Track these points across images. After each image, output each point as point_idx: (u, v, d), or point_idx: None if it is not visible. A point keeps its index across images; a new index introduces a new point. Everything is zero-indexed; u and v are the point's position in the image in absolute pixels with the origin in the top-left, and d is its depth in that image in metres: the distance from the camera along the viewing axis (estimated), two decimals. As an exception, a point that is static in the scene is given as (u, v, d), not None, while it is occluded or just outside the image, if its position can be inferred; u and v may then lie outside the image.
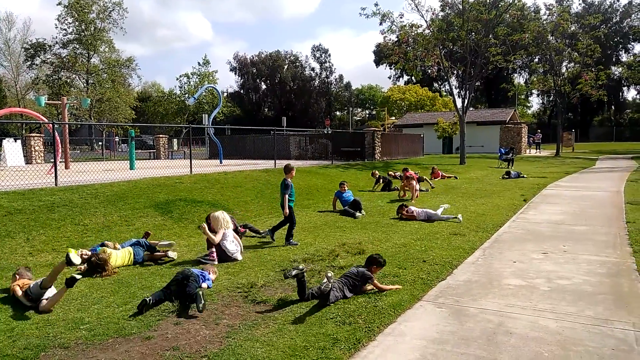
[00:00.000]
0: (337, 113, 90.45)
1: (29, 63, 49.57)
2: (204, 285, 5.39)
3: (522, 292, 5.19)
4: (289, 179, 7.98)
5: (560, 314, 4.52)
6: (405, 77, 77.68)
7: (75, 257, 5.05)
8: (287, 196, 7.87)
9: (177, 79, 74.31)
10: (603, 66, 37.72)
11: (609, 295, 5.03)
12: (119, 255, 6.55)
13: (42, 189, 9.43)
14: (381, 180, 15.51)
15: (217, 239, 6.82)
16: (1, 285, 5.70)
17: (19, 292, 5.09)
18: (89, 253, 6.51)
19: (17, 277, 5.42)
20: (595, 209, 10.81)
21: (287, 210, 7.86)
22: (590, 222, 9.18)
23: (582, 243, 7.46)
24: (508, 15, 27.40)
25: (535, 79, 39.49)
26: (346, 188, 11.56)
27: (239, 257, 6.95)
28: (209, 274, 5.73)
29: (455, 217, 9.67)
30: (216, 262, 6.70)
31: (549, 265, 6.23)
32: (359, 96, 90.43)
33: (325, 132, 30.69)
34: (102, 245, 6.82)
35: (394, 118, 53.54)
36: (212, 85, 41.07)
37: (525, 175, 18.81)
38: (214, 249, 6.83)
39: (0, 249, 6.82)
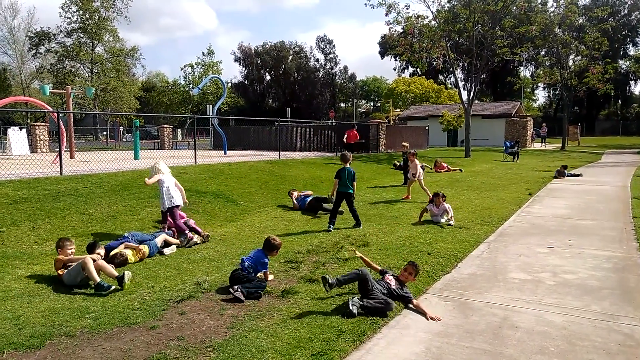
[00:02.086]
0: (342, 105, 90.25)
1: (33, 52, 49.60)
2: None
3: (527, 286, 5.17)
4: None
5: (566, 309, 4.51)
6: (411, 69, 77.39)
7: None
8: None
9: (182, 69, 74.43)
10: (610, 59, 37.41)
11: (615, 291, 5.00)
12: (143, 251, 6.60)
13: (47, 178, 9.45)
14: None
15: (148, 181, 7.71)
16: (7, 273, 5.73)
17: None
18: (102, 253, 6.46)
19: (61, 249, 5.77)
20: (601, 204, 10.75)
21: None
22: (596, 217, 9.13)
23: (587, 237, 7.42)
24: (515, 7, 27.13)
25: (541, 72, 39.11)
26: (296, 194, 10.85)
27: (180, 203, 7.72)
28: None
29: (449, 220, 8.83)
30: (175, 237, 7.36)
31: (554, 260, 6.20)
32: (363, 88, 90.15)
33: (329, 123, 30.58)
34: (124, 239, 6.79)
35: (398, 110, 53.38)
36: (216, 75, 40.96)
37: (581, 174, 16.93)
38: (165, 226, 7.60)
39: (6, 237, 6.85)
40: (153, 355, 3.63)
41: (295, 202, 10.47)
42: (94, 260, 5.38)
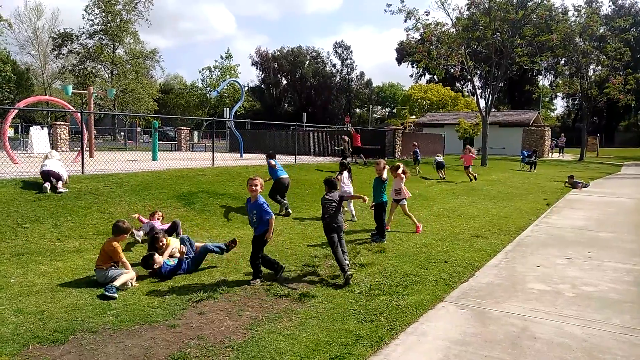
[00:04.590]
0: (357, 110, 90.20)
1: (56, 52, 50.51)
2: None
3: (546, 297, 5.13)
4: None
5: (586, 321, 4.46)
6: (427, 76, 77.13)
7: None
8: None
9: (200, 72, 75.22)
10: (632, 70, 36.84)
11: (636, 305, 4.94)
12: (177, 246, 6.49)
13: (68, 177, 9.60)
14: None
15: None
16: (31, 269, 5.85)
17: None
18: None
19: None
20: (621, 216, 10.60)
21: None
22: (615, 229, 9.00)
23: (607, 250, 7.33)
24: (535, 16, 26.91)
25: (561, 82, 38.68)
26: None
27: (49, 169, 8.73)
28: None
29: (353, 217, 9.72)
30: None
31: (573, 271, 6.14)
32: (379, 94, 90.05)
33: (344, 129, 30.61)
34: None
35: (414, 117, 53.23)
36: (234, 79, 41.33)
37: (589, 184, 17.15)
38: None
39: (29, 234, 7.00)
40: (174, 354, 3.69)
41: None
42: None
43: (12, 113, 15.47)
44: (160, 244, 6.31)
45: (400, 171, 8.80)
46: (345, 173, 10.00)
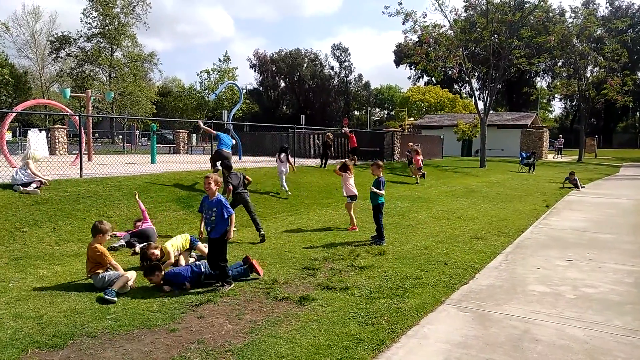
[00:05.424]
0: (355, 112, 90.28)
1: (54, 56, 50.50)
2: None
3: (547, 299, 5.12)
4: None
5: (587, 323, 4.45)
6: (425, 78, 77.30)
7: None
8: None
9: (198, 75, 75.11)
10: (629, 71, 36.94)
11: (637, 306, 4.93)
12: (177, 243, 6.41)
13: (67, 180, 9.60)
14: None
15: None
16: (29, 273, 5.82)
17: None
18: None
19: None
20: (620, 217, 10.60)
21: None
22: (615, 231, 9.00)
23: (607, 251, 7.32)
24: (532, 17, 26.98)
25: (558, 84, 38.76)
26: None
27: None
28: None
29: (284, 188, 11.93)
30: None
31: (573, 273, 6.13)
32: (377, 96, 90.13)
33: (342, 131, 30.60)
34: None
35: (412, 119, 53.28)
36: (233, 82, 41.34)
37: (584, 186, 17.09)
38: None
39: (28, 238, 6.97)
40: (174, 358, 3.67)
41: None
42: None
43: (10, 116, 15.42)
44: (153, 257, 6.02)
45: (339, 168, 8.96)
46: (283, 154, 12.40)
